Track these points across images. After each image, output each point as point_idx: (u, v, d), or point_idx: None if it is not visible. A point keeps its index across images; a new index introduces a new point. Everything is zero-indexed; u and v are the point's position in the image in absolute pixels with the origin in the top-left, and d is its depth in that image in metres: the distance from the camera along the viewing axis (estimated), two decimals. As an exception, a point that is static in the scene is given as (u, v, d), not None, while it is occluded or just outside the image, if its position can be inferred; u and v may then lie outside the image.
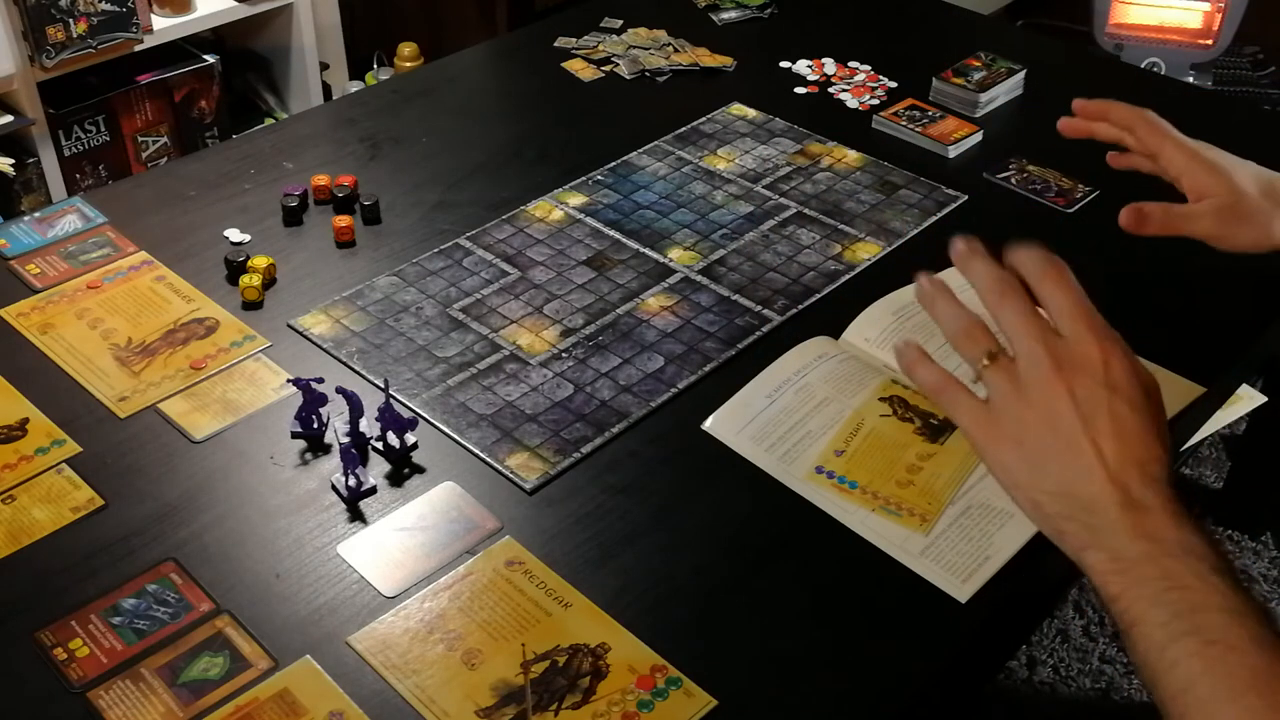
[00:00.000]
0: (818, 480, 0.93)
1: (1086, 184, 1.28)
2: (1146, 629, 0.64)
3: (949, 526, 0.89)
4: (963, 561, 0.86)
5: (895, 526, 0.89)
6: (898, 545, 0.88)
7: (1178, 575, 0.64)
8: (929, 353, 1.02)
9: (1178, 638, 0.62)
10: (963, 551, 0.87)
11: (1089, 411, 0.68)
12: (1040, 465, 0.69)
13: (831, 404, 0.98)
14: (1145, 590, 0.64)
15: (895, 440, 0.95)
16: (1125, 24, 2.67)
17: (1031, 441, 0.69)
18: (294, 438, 0.96)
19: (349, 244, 1.19)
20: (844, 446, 0.95)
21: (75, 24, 1.96)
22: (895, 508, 0.90)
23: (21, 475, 0.92)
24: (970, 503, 0.90)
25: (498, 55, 1.63)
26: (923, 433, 0.96)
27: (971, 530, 0.88)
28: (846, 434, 0.96)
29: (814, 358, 1.03)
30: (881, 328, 1.06)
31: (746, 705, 0.77)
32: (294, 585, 0.84)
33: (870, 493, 0.91)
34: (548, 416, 0.99)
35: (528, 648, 0.80)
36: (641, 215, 1.23)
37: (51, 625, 0.81)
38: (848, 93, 1.46)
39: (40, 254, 1.16)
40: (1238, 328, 1.10)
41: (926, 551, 0.87)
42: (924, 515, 0.89)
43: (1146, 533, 0.66)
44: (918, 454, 0.94)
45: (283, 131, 1.40)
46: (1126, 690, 1.56)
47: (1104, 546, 0.67)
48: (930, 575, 0.85)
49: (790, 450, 0.95)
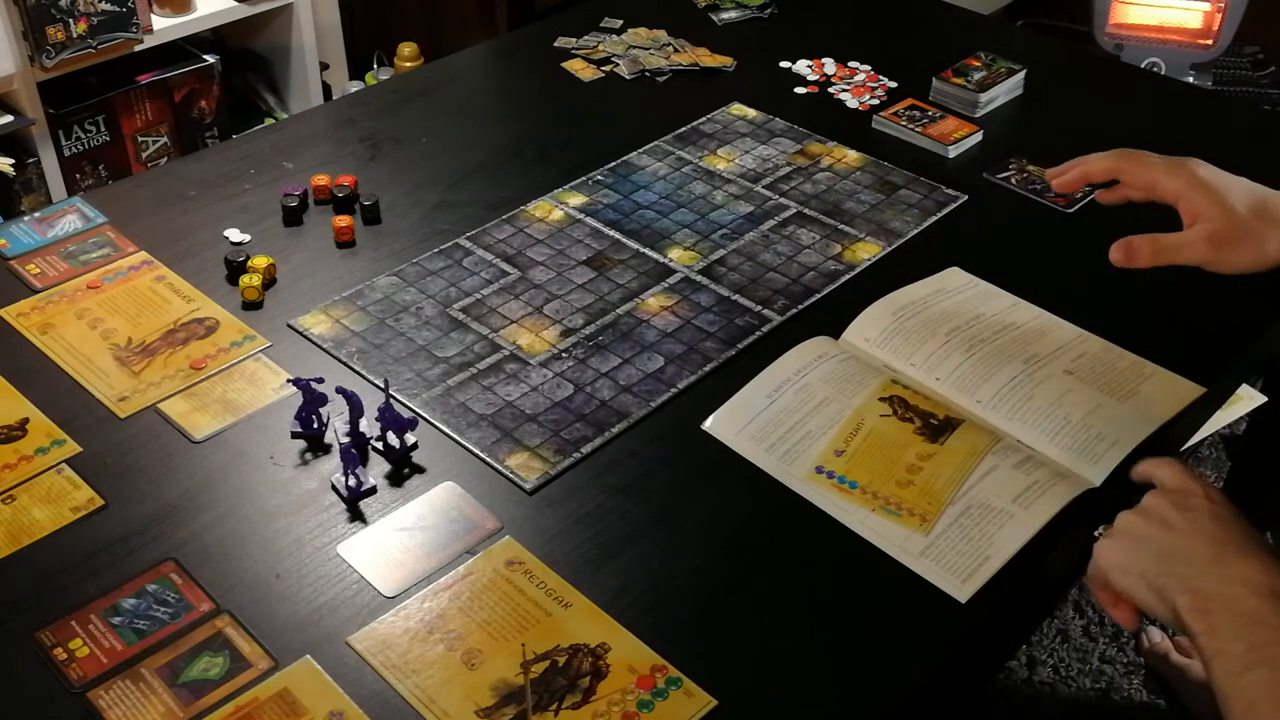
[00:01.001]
0: (818, 480, 0.93)
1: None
2: (1225, 660, 0.71)
3: (949, 526, 0.89)
4: (963, 561, 0.86)
5: (895, 526, 0.89)
6: (898, 545, 0.88)
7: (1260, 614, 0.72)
8: (927, 351, 1.03)
9: (1254, 666, 0.70)
10: (963, 551, 0.87)
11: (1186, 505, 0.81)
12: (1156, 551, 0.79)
13: (831, 404, 0.98)
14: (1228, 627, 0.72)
15: (895, 440, 0.95)
16: (1125, 24, 2.67)
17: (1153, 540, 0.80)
18: (294, 438, 0.96)
19: (349, 244, 1.19)
20: (844, 446, 0.95)
21: (75, 24, 1.96)
22: (895, 508, 0.90)
23: (21, 475, 0.92)
24: (970, 503, 0.90)
25: (498, 55, 1.63)
26: (923, 432, 0.96)
27: (971, 530, 0.88)
28: (846, 434, 0.96)
29: (814, 358, 1.03)
30: (881, 328, 1.06)
31: (746, 705, 0.77)
32: (294, 585, 0.84)
33: (870, 493, 0.91)
34: (548, 416, 0.99)
35: (528, 648, 0.80)
36: (641, 215, 1.23)
37: (51, 625, 0.81)
38: (848, 93, 1.46)
39: (40, 254, 1.16)
40: (1238, 328, 1.10)
41: (926, 551, 0.87)
42: (924, 515, 0.89)
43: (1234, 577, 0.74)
44: (918, 454, 0.94)
45: (283, 131, 1.40)
46: (1126, 690, 1.56)
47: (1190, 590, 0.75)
48: (930, 575, 0.86)
49: (790, 450, 0.95)
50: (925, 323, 1.07)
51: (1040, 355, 1.03)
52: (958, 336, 1.05)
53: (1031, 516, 0.89)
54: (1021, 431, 0.96)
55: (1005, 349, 1.04)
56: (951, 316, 1.08)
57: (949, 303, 1.10)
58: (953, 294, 1.11)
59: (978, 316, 1.08)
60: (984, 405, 0.99)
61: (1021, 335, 1.06)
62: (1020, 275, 1.16)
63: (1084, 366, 1.02)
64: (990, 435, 0.96)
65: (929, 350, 1.04)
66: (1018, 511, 0.89)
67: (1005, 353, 1.03)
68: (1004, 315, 1.09)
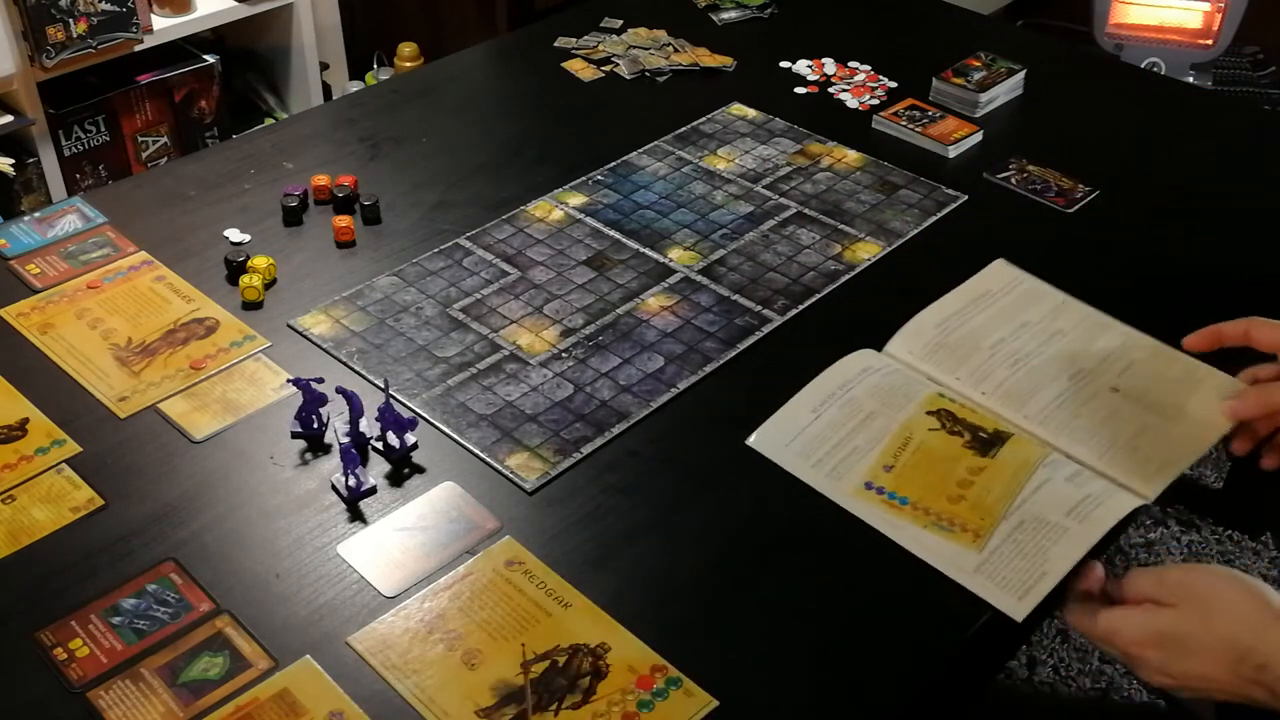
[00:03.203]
0: (866, 496, 0.90)
1: (1086, 184, 1.28)
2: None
3: (1003, 542, 0.86)
4: (1018, 578, 0.84)
5: (948, 544, 0.86)
6: (951, 563, 0.85)
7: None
8: (972, 365, 1.00)
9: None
10: (1018, 568, 0.84)
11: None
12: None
13: (878, 418, 0.96)
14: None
15: (945, 454, 0.93)
16: (1125, 24, 2.67)
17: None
18: (294, 438, 0.96)
19: (349, 244, 1.19)
20: (893, 461, 0.93)
21: (75, 24, 1.96)
22: (948, 524, 0.88)
23: (21, 475, 0.92)
24: (1023, 517, 0.88)
25: (498, 55, 1.63)
26: (972, 446, 0.94)
27: (1026, 545, 0.86)
28: (895, 448, 0.94)
29: (858, 371, 1.01)
30: (925, 340, 1.04)
31: (746, 705, 0.77)
32: (294, 585, 0.84)
33: (921, 509, 0.89)
34: (548, 416, 0.99)
35: (528, 648, 0.80)
36: (641, 215, 1.23)
37: (51, 625, 0.81)
38: (848, 93, 1.46)
39: (40, 254, 1.16)
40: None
41: (981, 568, 0.85)
42: (977, 531, 0.87)
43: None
44: (968, 468, 0.92)
45: (283, 131, 1.40)
46: (1126, 690, 1.56)
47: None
48: (985, 593, 0.83)
49: (838, 466, 0.93)
50: (969, 334, 1.04)
51: (1086, 370, 1.01)
52: (1003, 349, 1.03)
53: (1086, 530, 0.86)
54: (1070, 446, 0.94)
55: (1051, 362, 1.01)
56: (996, 325, 1.05)
57: (994, 309, 1.07)
58: (997, 297, 1.09)
59: (1023, 324, 1.06)
60: (1031, 420, 0.96)
61: (1068, 344, 1.03)
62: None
63: (1131, 381, 0.99)
64: (1041, 448, 0.94)
65: (974, 364, 1.01)
66: (1072, 525, 0.87)
67: (1051, 367, 1.01)
68: (1050, 320, 1.06)
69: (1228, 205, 1.27)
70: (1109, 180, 1.29)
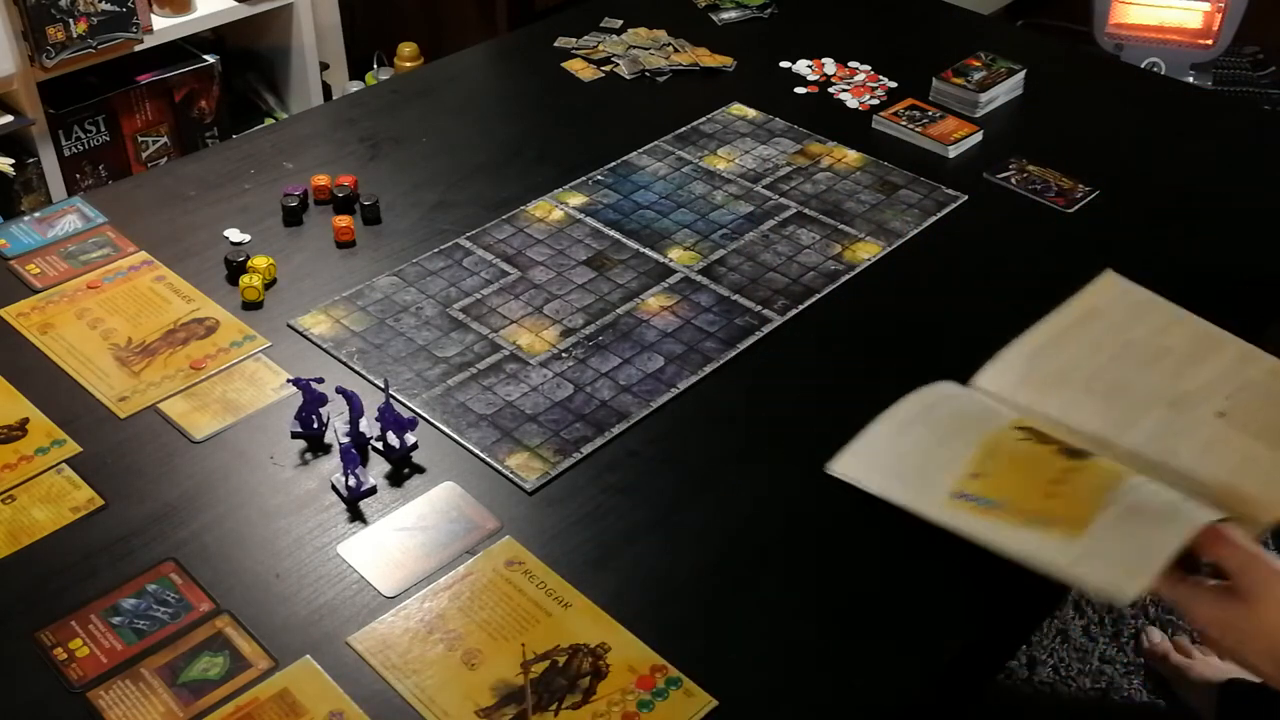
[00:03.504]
0: (957, 505, 0.86)
1: (1086, 184, 1.28)
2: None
3: (1105, 530, 0.80)
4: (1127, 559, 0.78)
5: (1047, 537, 0.81)
6: (1050, 557, 0.80)
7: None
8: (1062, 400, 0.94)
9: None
10: (1126, 549, 0.79)
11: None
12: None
13: (964, 434, 0.91)
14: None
15: (1036, 457, 0.88)
16: (1125, 24, 2.67)
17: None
18: (294, 438, 0.96)
19: (349, 244, 1.19)
20: (981, 470, 0.88)
21: (75, 24, 1.96)
22: (1045, 518, 0.83)
23: (21, 475, 0.92)
24: (1125, 506, 0.82)
25: (498, 55, 1.63)
26: (1064, 452, 0.88)
27: (1134, 528, 0.80)
28: (983, 457, 0.89)
29: (941, 397, 0.96)
30: (1015, 375, 0.97)
31: (746, 705, 0.77)
32: (294, 585, 0.84)
33: (1015, 508, 0.84)
34: (548, 416, 0.99)
35: (528, 648, 0.80)
36: (641, 215, 1.23)
37: (51, 625, 0.81)
38: (848, 93, 1.46)
39: (40, 254, 1.16)
40: (1237, 328, 1.10)
41: (1083, 558, 0.79)
42: (1077, 520, 0.81)
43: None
44: (1061, 469, 0.86)
45: (283, 131, 1.40)
46: (1126, 690, 1.56)
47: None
48: (1090, 579, 0.78)
49: (926, 481, 0.89)
50: (1064, 366, 0.97)
51: (1191, 393, 0.93)
52: (1100, 381, 0.95)
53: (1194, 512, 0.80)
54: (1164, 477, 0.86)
55: (1152, 389, 0.94)
56: (1095, 350, 0.98)
57: (1099, 326, 1.00)
58: (1102, 314, 1.02)
59: (1126, 344, 0.99)
60: (1121, 458, 0.88)
61: (1174, 365, 0.96)
62: (1020, 275, 1.16)
63: (1241, 404, 0.92)
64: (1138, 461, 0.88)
65: (1065, 398, 0.94)
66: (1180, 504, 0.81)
67: (1151, 393, 0.93)
68: (1158, 337, 0.99)
69: (1228, 205, 1.27)
70: (1109, 180, 1.29)
